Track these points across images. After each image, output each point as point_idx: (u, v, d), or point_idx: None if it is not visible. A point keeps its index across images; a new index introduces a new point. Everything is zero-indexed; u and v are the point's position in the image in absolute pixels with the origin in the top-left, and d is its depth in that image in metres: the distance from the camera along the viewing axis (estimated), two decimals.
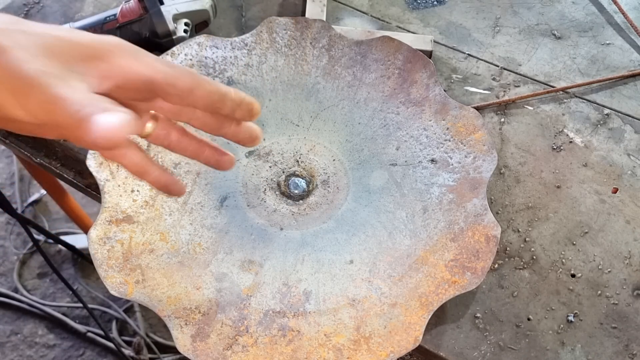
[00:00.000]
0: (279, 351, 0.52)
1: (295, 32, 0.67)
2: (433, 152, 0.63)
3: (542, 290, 0.60)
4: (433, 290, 0.54)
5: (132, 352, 1.27)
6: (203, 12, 0.69)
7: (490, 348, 0.57)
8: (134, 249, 0.56)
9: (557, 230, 0.63)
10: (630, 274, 0.60)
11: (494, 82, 0.74)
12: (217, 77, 0.66)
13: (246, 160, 0.65)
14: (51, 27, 0.33)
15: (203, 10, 0.69)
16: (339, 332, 0.53)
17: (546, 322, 0.58)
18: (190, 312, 0.53)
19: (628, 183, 0.66)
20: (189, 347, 0.52)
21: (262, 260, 0.58)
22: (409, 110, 0.65)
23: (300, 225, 0.61)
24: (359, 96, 0.66)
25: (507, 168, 0.67)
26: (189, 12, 0.68)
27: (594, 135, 0.70)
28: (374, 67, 0.66)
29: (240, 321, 0.54)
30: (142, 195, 0.59)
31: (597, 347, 0.57)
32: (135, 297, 0.53)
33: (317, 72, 0.67)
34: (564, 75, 0.75)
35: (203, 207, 0.60)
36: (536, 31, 0.79)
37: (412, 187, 0.62)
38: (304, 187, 0.63)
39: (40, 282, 1.44)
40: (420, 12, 0.80)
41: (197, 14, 0.69)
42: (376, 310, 0.54)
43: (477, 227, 0.57)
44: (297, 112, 0.67)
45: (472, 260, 0.55)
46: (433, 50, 0.73)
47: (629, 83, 0.74)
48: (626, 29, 0.79)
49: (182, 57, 0.65)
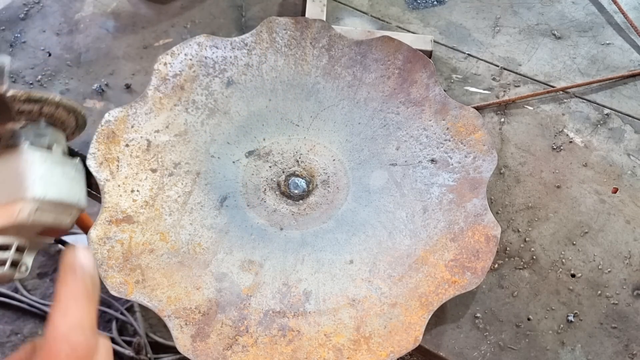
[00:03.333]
0: (279, 351, 0.52)
1: (295, 32, 0.67)
2: (433, 152, 0.63)
3: (542, 290, 0.60)
4: (433, 290, 0.54)
5: (132, 352, 1.27)
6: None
7: (490, 348, 0.57)
8: (134, 249, 0.56)
9: (557, 230, 0.63)
10: (630, 274, 0.60)
11: (494, 82, 0.74)
12: (217, 77, 0.66)
13: (246, 160, 0.65)
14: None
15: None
16: (339, 332, 0.53)
17: (546, 322, 0.58)
18: (190, 312, 0.53)
19: (628, 183, 0.66)
20: (189, 347, 0.52)
21: (262, 260, 0.58)
22: (409, 110, 0.65)
23: (300, 225, 0.61)
24: (359, 96, 0.66)
25: (507, 168, 0.67)
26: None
27: (594, 135, 0.70)
28: (374, 67, 0.66)
29: (240, 321, 0.54)
30: (142, 195, 0.59)
31: (597, 347, 0.57)
32: (135, 297, 0.53)
33: (317, 72, 0.67)
34: (564, 75, 0.75)
35: (203, 207, 0.60)
36: (536, 31, 0.79)
37: (412, 187, 0.62)
38: (304, 187, 0.63)
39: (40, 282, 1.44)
40: (420, 12, 0.80)
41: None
42: (376, 310, 0.54)
43: (477, 227, 0.57)
44: (297, 112, 0.67)
45: (472, 260, 0.55)
46: (433, 50, 0.73)
47: (629, 83, 0.74)
48: (626, 29, 0.79)
49: (182, 57, 0.65)
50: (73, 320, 0.29)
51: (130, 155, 0.60)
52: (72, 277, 0.29)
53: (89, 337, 0.29)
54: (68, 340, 0.28)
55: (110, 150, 0.59)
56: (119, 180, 0.59)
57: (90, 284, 0.30)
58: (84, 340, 0.29)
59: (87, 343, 0.29)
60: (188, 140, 0.63)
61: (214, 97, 0.65)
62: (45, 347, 0.28)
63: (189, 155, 0.62)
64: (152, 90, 0.63)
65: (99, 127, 0.60)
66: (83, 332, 0.29)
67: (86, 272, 0.30)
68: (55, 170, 0.33)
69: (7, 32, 0.78)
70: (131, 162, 0.60)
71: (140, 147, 0.61)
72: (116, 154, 0.59)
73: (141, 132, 0.61)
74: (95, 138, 0.59)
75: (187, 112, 0.64)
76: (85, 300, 0.29)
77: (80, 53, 0.76)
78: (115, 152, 0.59)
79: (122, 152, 0.60)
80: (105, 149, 0.59)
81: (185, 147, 0.62)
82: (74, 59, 0.76)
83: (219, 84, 0.66)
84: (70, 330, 0.28)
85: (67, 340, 0.28)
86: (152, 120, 0.62)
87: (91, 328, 0.29)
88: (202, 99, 0.65)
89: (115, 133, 0.60)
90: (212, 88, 0.65)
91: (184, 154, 0.62)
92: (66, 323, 0.28)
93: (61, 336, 0.28)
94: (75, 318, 0.29)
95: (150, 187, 0.59)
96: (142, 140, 0.61)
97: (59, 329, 0.28)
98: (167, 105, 0.63)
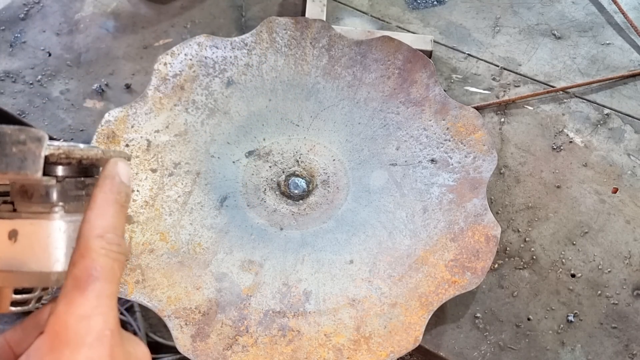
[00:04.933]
0: (279, 351, 0.52)
1: (295, 32, 0.67)
2: (433, 152, 0.63)
3: (542, 290, 0.60)
4: (433, 290, 0.54)
5: None
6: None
7: (490, 348, 0.56)
8: (134, 249, 0.56)
9: (557, 230, 0.63)
10: (630, 274, 0.60)
11: (494, 82, 0.74)
12: (217, 77, 0.66)
13: (246, 160, 0.65)
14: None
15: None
16: (339, 332, 0.53)
17: (546, 322, 0.58)
18: (190, 312, 0.53)
19: (628, 183, 0.66)
20: (189, 347, 0.52)
21: (262, 260, 0.58)
22: (409, 110, 0.65)
23: (300, 225, 0.61)
24: (359, 96, 0.66)
25: (507, 168, 0.67)
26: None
27: (594, 135, 0.70)
28: (374, 67, 0.66)
29: (240, 321, 0.54)
30: (142, 195, 0.59)
31: (597, 347, 0.57)
32: (135, 297, 0.53)
33: (317, 72, 0.67)
34: (564, 75, 0.75)
35: (203, 207, 0.60)
36: (536, 31, 0.79)
37: (412, 187, 0.62)
38: (304, 187, 0.63)
39: None
40: (420, 12, 0.80)
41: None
42: (376, 310, 0.54)
43: (477, 227, 0.57)
44: (297, 112, 0.67)
45: (472, 260, 0.55)
46: (433, 50, 0.73)
47: (629, 83, 0.74)
48: (626, 29, 0.79)
49: (182, 57, 0.65)
50: (109, 222, 0.29)
51: (131, 155, 0.60)
52: (110, 185, 0.30)
53: (122, 242, 0.29)
54: (105, 237, 0.28)
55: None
56: None
57: (124, 196, 0.30)
58: (120, 241, 0.29)
59: (123, 245, 0.29)
60: (188, 140, 0.63)
61: (214, 97, 0.65)
62: (80, 244, 0.28)
63: (189, 155, 0.62)
64: (152, 90, 0.63)
65: (99, 127, 0.60)
66: (117, 234, 0.29)
67: (123, 183, 0.30)
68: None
69: (7, 32, 0.78)
70: (131, 162, 0.60)
71: (140, 147, 0.61)
72: None
73: (141, 132, 0.61)
74: (95, 138, 0.59)
75: (187, 112, 0.64)
76: (119, 208, 0.30)
77: (80, 53, 0.76)
78: None
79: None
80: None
81: (185, 147, 0.63)
82: (74, 59, 0.76)
83: (219, 84, 0.66)
84: (105, 230, 0.28)
85: (104, 237, 0.28)
86: (152, 120, 0.62)
87: (123, 235, 0.30)
88: (202, 99, 0.65)
89: (115, 133, 0.60)
90: (212, 88, 0.65)
91: (184, 154, 0.62)
92: (102, 223, 0.28)
93: (97, 233, 0.28)
94: (110, 221, 0.29)
95: (150, 187, 0.59)
96: (142, 140, 0.61)
97: (95, 228, 0.28)
98: (167, 105, 0.63)
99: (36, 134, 0.26)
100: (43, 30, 0.78)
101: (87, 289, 0.27)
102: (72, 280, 0.27)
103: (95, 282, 0.27)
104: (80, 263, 0.27)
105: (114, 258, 0.28)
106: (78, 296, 0.27)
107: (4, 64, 0.75)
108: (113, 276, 0.28)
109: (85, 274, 0.27)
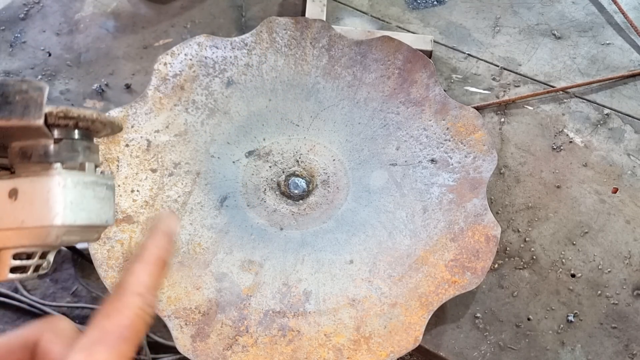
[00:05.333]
0: (279, 351, 0.52)
1: (295, 32, 0.67)
2: (433, 152, 0.63)
3: (542, 290, 0.60)
4: (433, 290, 0.54)
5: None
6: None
7: (490, 348, 0.56)
8: (134, 249, 0.56)
9: (557, 230, 0.63)
10: (630, 274, 0.60)
11: (494, 82, 0.74)
12: (217, 77, 0.66)
13: (246, 160, 0.65)
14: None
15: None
16: (339, 332, 0.53)
17: (546, 322, 0.58)
18: (190, 312, 0.53)
19: (628, 183, 0.66)
20: (189, 347, 0.52)
21: (262, 260, 0.58)
22: (409, 110, 0.65)
23: (300, 225, 0.61)
24: (359, 96, 0.66)
25: (507, 168, 0.67)
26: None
27: (594, 135, 0.70)
28: (374, 67, 0.66)
29: (240, 321, 0.54)
30: (142, 195, 0.59)
31: (597, 347, 0.57)
32: None
33: (317, 72, 0.67)
34: (564, 75, 0.75)
35: (203, 207, 0.60)
36: (536, 31, 0.79)
37: (412, 187, 0.62)
38: (304, 187, 0.63)
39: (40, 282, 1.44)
40: (420, 12, 0.80)
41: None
42: (376, 310, 0.54)
43: (477, 227, 0.57)
44: (297, 112, 0.67)
45: (472, 260, 0.55)
46: (433, 50, 0.73)
47: (629, 83, 0.74)
48: (626, 29, 0.79)
49: (182, 57, 0.65)
50: (152, 282, 0.28)
51: (131, 155, 0.60)
52: (162, 241, 0.30)
53: (155, 303, 0.29)
54: (145, 297, 0.28)
55: (111, 150, 0.59)
56: (119, 180, 0.59)
57: (170, 255, 0.30)
58: (155, 303, 0.29)
59: (154, 307, 0.29)
60: (188, 140, 0.63)
61: (214, 97, 0.65)
62: (120, 295, 0.27)
63: (189, 155, 0.62)
64: (152, 90, 0.63)
65: None
66: (155, 295, 0.29)
67: (173, 242, 0.30)
68: (86, 193, 0.32)
69: (7, 32, 0.78)
70: (131, 162, 0.60)
71: (140, 147, 0.61)
72: (116, 154, 0.59)
73: (141, 132, 0.61)
74: (95, 138, 0.59)
75: (187, 112, 0.64)
76: (163, 267, 0.30)
77: (80, 53, 0.76)
78: (115, 152, 0.59)
79: (122, 152, 0.60)
80: (105, 149, 0.59)
81: (185, 147, 0.62)
82: (74, 59, 0.76)
83: (219, 84, 0.66)
84: (148, 289, 0.28)
85: (144, 297, 0.28)
86: (152, 120, 0.62)
87: (158, 295, 0.30)
88: (202, 99, 0.65)
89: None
90: (212, 88, 0.65)
91: (184, 154, 0.62)
92: (147, 281, 0.28)
93: (139, 291, 0.28)
94: (154, 280, 0.29)
95: (150, 187, 0.59)
96: (142, 140, 0.61)
97: (139, 285, 0.28)
98: (167, 105, 0.63)
99: (38, 84, 0.27)
100: (43, 30, 0.78)
101: (115, 347, 0.26)
102: (101, 333, 0.26)
103: (123, 343, 0.26)
104: (115, 318, 0.27)
105: (146, 321, 0.28)
106: (102, 351, 0.26)
107: (4, 63, 0.75)
108: (138, 339, 0.27)
109: (118, 332, 0.26)
